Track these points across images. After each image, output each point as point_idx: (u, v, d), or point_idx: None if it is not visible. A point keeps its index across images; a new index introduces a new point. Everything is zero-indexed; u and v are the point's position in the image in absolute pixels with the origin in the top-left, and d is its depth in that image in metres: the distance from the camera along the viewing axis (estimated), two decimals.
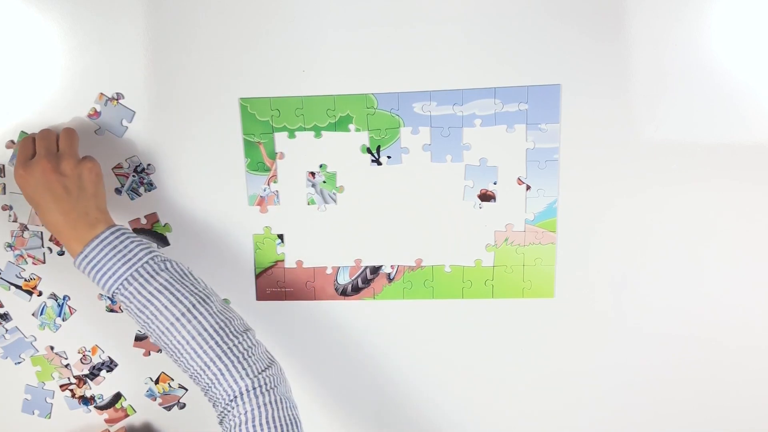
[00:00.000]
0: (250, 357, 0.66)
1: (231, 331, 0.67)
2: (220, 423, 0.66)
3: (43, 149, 0.73)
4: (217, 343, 0.65)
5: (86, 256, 0.68)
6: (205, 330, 0.65)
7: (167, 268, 0.69)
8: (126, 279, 0.67)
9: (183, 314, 0.66)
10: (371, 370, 0.87)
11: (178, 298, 0.66)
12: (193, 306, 0.66)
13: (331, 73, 0.78)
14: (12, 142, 0.82)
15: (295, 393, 0.88)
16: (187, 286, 0.68)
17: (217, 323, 0.66)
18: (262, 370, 0.66)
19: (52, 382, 0.90)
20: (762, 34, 0.74)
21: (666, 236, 0.79)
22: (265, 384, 0.66)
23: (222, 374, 0.64)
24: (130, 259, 0.68)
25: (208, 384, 0.66)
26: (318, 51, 0.77)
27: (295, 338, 0.86)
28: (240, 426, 0.63)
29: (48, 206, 0.70)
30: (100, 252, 0.68)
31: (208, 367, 0.65)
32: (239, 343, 0.66)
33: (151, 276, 0.67)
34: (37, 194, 0.71)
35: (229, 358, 0.65)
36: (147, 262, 0.68)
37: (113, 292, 0.68)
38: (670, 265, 0.80)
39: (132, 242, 0.69)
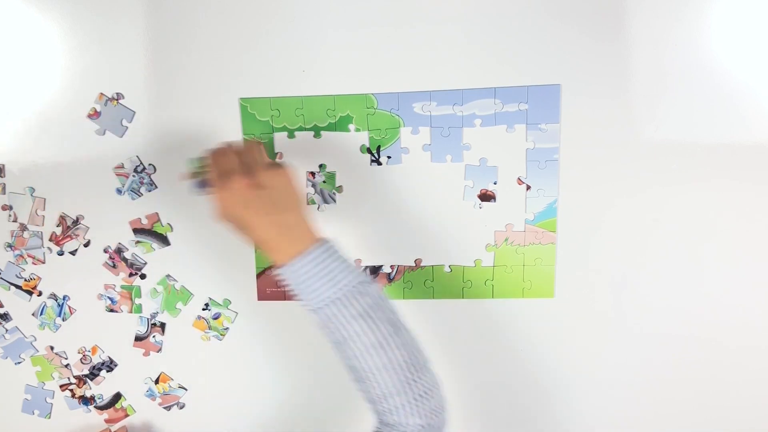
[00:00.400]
0: (429, 396, 0.67)
1: (416, 366, 0.67)
2: None
3: (234, 163, 0.68)
4: (405, 376, 0.66)
5: (295, 271, 0.66)
6: (394, 363, 0.66)
7: (367, 293, 0.67)
8: (330, 300, 0.66)
9: (376, 345, 0.66)
10: None
11: (375, 327, 0.66)
12: (388, 336, 0.66)
13: (331, 73, 0.78)
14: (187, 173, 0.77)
15: (295, 392, 0.88)
16: (385, 313, 0.67)
17: (407, 355, 0.67)
18: (440, 411, 0.68)
19: (52, 382, 0.90)
20: (762, 34, 0.74)
21: (666, 236, 0.79)
22: (439, 426, 0.68)
23: (403, 407, 0.66)
24: (336, 284, 0.66)
25: (384, 409, 0.67)
26: (318, 51, 0.77)
27: (295, 338, 0.86)
28: None
29: (249, 223, 0.67)
30: (308, 271, 0.66)
31: (391, 397, 0.66)
32: (422, 378, 0.67)
33: (354, 300, 0.67)
34: (237, 213, 0.67)
35: (412, 394, 0.66)
36: (353, 286, 0.67)
37: (314, 310, 0.67)
38: (670, 265, 0.80)
39: (342, 262, 0.67)
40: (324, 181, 0.81)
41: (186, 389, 0.89)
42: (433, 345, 0.84)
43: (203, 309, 0.86)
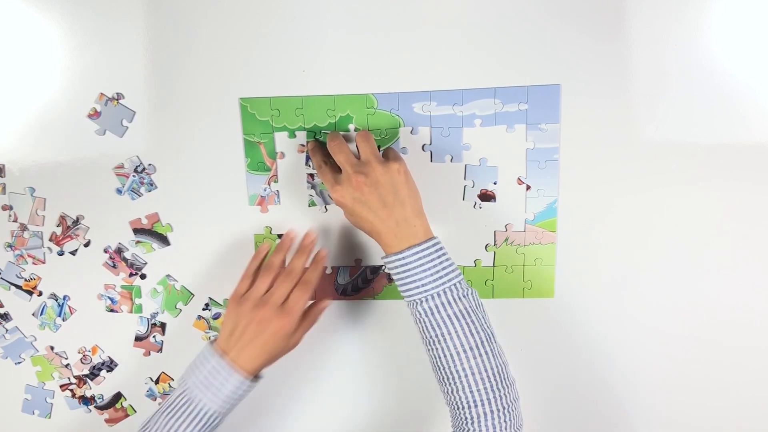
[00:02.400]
0: (514, 410, 0.68)
1: (505, 379, 0.68)
2: None
3: (347, 162, 0.70)
4: (493, 386, 0.67)
5: (403, 259, 0.68)
6: (487, 369, 0.67)
7: (468, 296, 0.69)
8: (432, 294, 0.67)
9: (472, 347, 0.67)
10: (371, 369, 0.86)
11: (472, 330, 0.67)
12: (482, 342, 0.67)
13: (331, 73, 0.78)
14: (302, 146, 0.80)
15: (294, 392, 0.88)
16: (481, 319, 0.69)
17: (498, 366, 0.67)
18: (520, 427, 0.69)
19: (52, 382, 0.90)
20: (762, 34, 0.74)
21: (666, 236, 0.79)
22: None
23: (486, 417, 0.66)
24: (441, 277, 0.68)
25: (469, 416, 0.67)
26: (318, 51, 0.77)
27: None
28: None
29: (366, 217, 0.69)
30: (418, 260, 0.67)
31: (476, 406, 0.66)
32: (508, 393, 0.68)
33: (455, 299, 0.68)
34: (356, 209, 0.69)
35: (498, 405, 0.67)
36: (456, 284, 0.68)
37: (414, 301, 0.68)
38: (670, 265, 0.80)
39: (448, 260, 0.69)
40: (322, 183, 0.81)
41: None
42: None
43: (203, 309, 0.86)
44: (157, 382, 0.89)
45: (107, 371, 0.89)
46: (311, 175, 0.81)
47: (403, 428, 0.88)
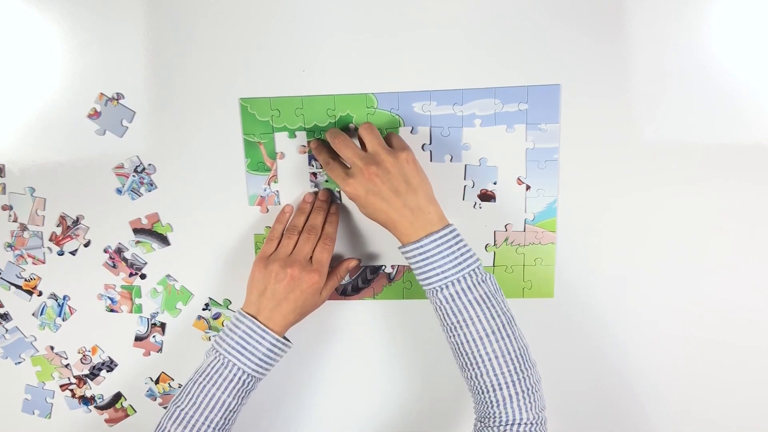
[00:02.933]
0: (537, 392, 0.69)
1: (527, 360, 0.69)
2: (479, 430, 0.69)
3: (355, 155, 0.71)
4: (516, 369, 0.67)
5: (421, 247, 0.68)
6: (510, 352, 0.67)
7: (486, 281, 0.69)
8: (452, 281, 0.68)
9: (494, 331, 0.67)
10: (371, 369, 0.86)
11: (492, 314, 0.68)
12: (504, 326, 0.68)
13: (331, 72, 0.78)
14: (303, 146, 0.80)
15: (295, 392, 0.88)
16: (500, 303, 0.69)
17: (520, 349, 0.68)
18: (543, 408, 0.69)
19: (52, 382, 0.90)
20: (762, 34, 0.74)
21: (666, 236, 0.79)
22: (543, 423, 0.69)
23: (512, 399, 0.67)
24: (461, 263, 0.68)
25: (492, 400, 0.67)
26: (318, 51, 0.77)
27: (295, 338, 0.86)
28: None
29: (380, 208, 0.70)
30: (436, 247, 0.68)
31: (501, 389, 0.67)
32: (532, 374, 0.68)
33: (475, 285, 0.68)
34: (370, 201, 0.70)
35: (522, 387, 0.67)
36: (474, 269, 0.69)
37: (434, 289, 0.69)
38: (669, 265, 0.80)
39: (465, 246, 0.70)
40: (326, 180, 0.81)
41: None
42: (433, 345, 0.85)
43: (203, 309, 0.86)
44: (157, 382, 0.89)
45: (107, 371, 0.89)
46: (314, 174, 0.81)
47: (404, 426, 0.88)
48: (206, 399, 0.72)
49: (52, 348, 0.89)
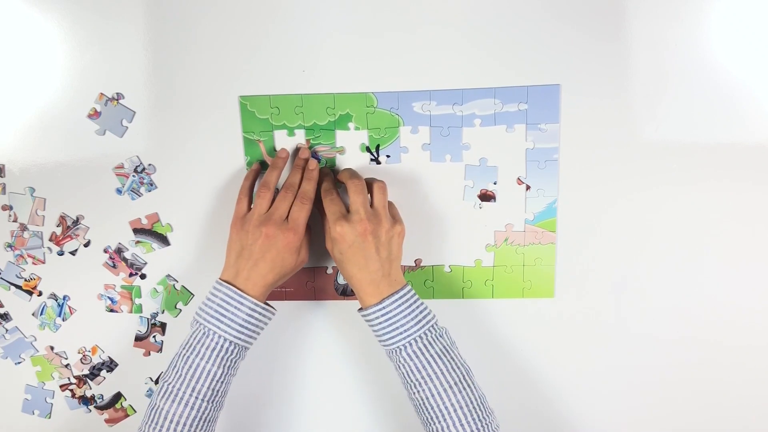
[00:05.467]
0: None
1: (487, 408, 0.71)
2: None
3: (363, 206, 0.72)
4: (479, 417, 0.69)
5: (383, 308, 0.70)
6: (471, 402, 0.69)
7: (443, 335, 0.72)
8: (414, 338, 0.70)
9: (456, 382, 0.69)
10: (371, 369, 0.86)
11: (452, 366, 0.70)
12: (463, 377, 0.70)
13: (330, 71, 0.78)
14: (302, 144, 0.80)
15: (294, 393, 0.88)
16: (457, 355, 0.72)
17: (480, 398, 0.70)
18: None
19: (52, 382, 0.90)
20: (762, 34, 0.74)
21: (666, 236, 0.79)
22: None
23: None
24: (421, 320, 0.70)
25: None
26: (318, 50, 0.77)
27: (295, 338, 0.86)
28: None
29: (356, 262, 0.71)
30: (398, 308, 0.70)
31: None
32: (491, 422, 0.71)
33: (434, 339, 0.71)
34: (350, 251, 0.71)
35: None
36: (433, 325, 0.71)
37: (398, 348, 0.70)
38: (670, 265, 0.80)
39: (422, 304, 0.72)
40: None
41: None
42: None
43: None
44: (157, 382, 0.89)
45: (107, 371, 0.89)
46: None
47: (404, 426, 0.88)
48: (191, 370, 0.71)
49: (52, 348, 0.89)
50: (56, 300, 0.87)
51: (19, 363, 0.89)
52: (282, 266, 0.73)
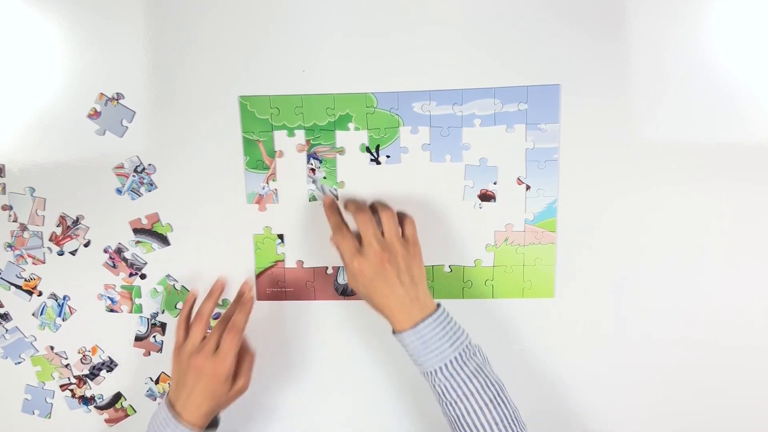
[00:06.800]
0: None
1: (520, 422, 0.71)
2: None
3: (375, 237, 0.72)
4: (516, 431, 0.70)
5: (418, 332, 0.70)
6: (506, 418, 0.70)
7: (477, 353, 0.72)
8: (450, 360, 0.70)
9: (491, 399, 0.69)
10: (371, 369, 0.86)
11: (487, 384, 0.70)
12: (498, 393, 0.70)
13: (330, 72, 0.78)
14: (301, 144, 0.79)
15: (294, 393, 0.88)
16: (491, 372, 0.72)
17: (514, 413, 0.71)
18: None
19: (52, 382, 0.90)
20: (762, 34, 0.74)
21: (666, 236, 0.79)
22: None
23: None
24: (455, 341, 0.71)
25: None
26: (318, 50, 0.77)
27: (295, 338, 0.86)
28: None
29: (382, 293, 0.72)
30: (431, 331, 0.70)
31: None
32: None
33: (469, 358, 0.71)
34: (373, 284, 0.72)
35: None
36: (467, 345, 0.71)
37: (434, 370, 0.70)
38: (669, 265, 0.80)
39: (455, 324, 0.72)
40: (325, 177, 0.81)
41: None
42: None
43: None
44: (157, 382, 0.89)
45: (107, 371, 0.89)
46: (312, 170, 0.81)
47: (404, 428, 0.88)
48: None
49: (52, 348, 0.89)
50: (56, 300, 0.87)
51: (19, 363, 0.89)
52: (214, 396, 0.74)
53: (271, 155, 0.80)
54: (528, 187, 0.79)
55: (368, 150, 0.80)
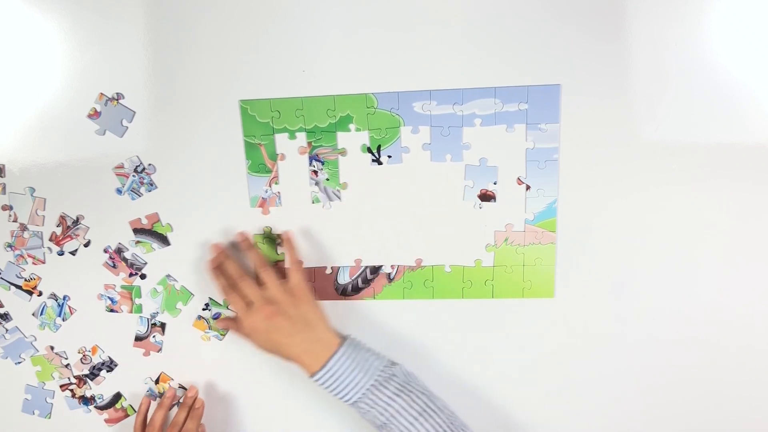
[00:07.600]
0: None
1: (458, 425, 0.72)
2: None
3: (255, 295, 0.76)
4: None
5: (328, 371, 0.72)
6: (441, 425, 0.71)
7: (395, 374, 0.74)
8: (368, 389, 0.72)
9: (420, 413, 0.71)
10: None
11: (413, 399, 0.72)
12: (426, 404, 0.72)
13: (331, 73, 0.78)
14: (303, 147, 0.79)
15: (294, 393, 0.88)
16: (415, 387, 0.73)
17: (447, 417, 0.72)
18: None
19: (52, 382, 0.90)
20: (762, 34, 0.74)
21: (666, 236, 0.79)
22: None
23: None
24: (368, 369, 0.73)
25: None
26: (318, 51, 0.77)
27: None
28: None
29: (282, 343, 0.75)
30: (342, 365, 0.72)
31: None
32: None
33: (387, 381, 0.72)
34: (270, 336, 0.75)
35: None
36: (382, 370, 0.73)
37: (356, 400, 0.72)
38: (669, 265, 0.80)
39: (366, 352, 0.75)
40: (327, 179, 0.81)
41: (186, 389, 0.89)
42: (432, 345, 0.85)
43: (203, 309, 0.86)
44: (157, 382, 0.89)
45: (107, 371, 0.89)
46: (315, 172, 0.81)
47: None
48: None
49: (52, 348, 0.89)
50: (56, 300, 0.87)
51: (19, 363, 0.89)
52: None
53: (273, 158, 0.80)
54: (528, 187, 0.79)
55: (369, 150, 0.80)
